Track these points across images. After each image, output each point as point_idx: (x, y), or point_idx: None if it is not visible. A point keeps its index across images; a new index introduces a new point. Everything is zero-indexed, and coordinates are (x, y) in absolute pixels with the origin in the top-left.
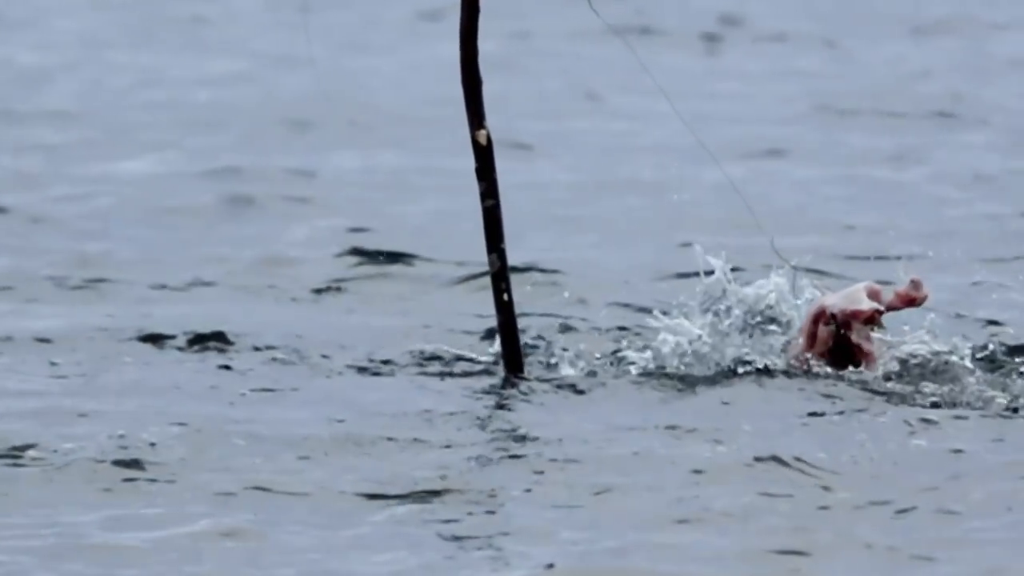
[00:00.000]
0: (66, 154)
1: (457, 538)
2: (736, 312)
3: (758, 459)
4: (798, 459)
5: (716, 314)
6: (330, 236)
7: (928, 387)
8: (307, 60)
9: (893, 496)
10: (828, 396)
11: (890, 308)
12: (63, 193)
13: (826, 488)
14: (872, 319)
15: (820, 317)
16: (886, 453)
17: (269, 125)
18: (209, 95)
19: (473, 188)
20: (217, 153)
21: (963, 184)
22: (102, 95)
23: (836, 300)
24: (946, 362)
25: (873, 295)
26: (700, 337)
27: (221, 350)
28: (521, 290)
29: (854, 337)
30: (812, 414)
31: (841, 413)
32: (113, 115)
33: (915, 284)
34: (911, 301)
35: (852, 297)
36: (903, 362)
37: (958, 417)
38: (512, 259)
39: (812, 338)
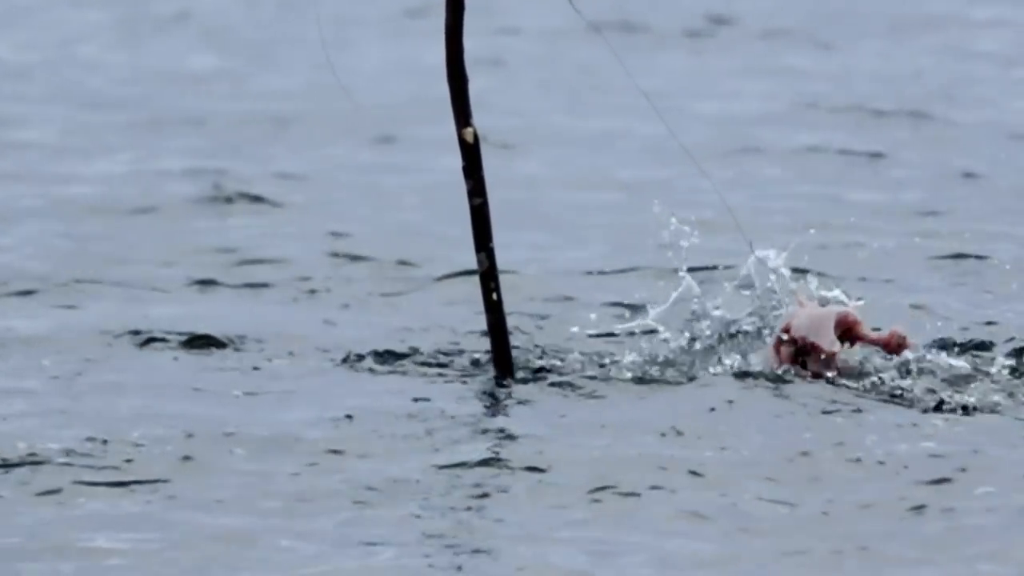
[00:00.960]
0: (45, 153)
1: (449, 540)
2: (725, 316)
3: (761, 461)
4: (802, 461)
5: (707, 316)
6: (317, 236)
7: (935, 388)
8: (324, 59)
9: (901, 499)
10: (831, 397)
11: (862, 340)
12: (41, 191)
13: (830, 491)
14: (832, 355)
15: (785, 335)
16: (895, 455)
17: (253, 124)
18: (192, 93)
19: (460, 186)
20: (200, 152)
21: (946, 183)
22: (82, 93)
23: (803, 322)
24: (950, 363)
25: (845, 324)
26: (696, 338)
27: (210, 351)
28: (509, 289)
29: (810, 364)
30: (815, 415)
31: (847, 414)
32: (94, 113)
33: (900, 342)
34: (886, 345)
35: (818, 326)
36: (908, 363)
37: (968, 419)
38: (500, 258)
39: (778, 350)
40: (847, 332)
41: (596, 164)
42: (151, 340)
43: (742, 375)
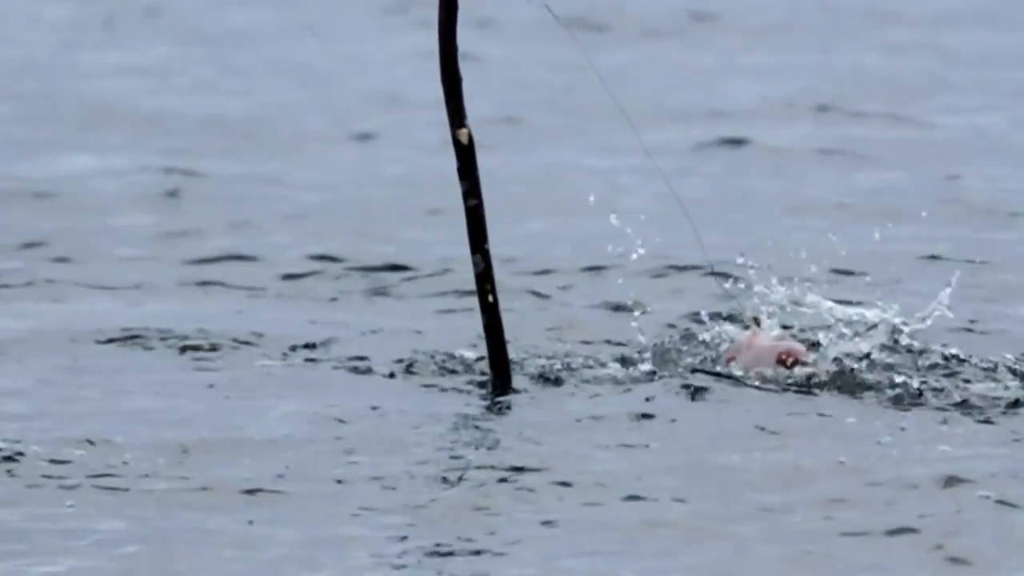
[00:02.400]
0: (11, 150)
1: (444, 544)
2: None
3: (767, 468)
4: (810, 468)
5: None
6: (300, 235)
7: (949, 388)
8: (292, 58)
9: (919, 502)
10: (840, 399)
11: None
12: (3, 190)
13: (845, 495)
14: None
15: (730, 361)
16: (912, 456)
17: (225, 122)
18: (162, 91)
19: (440, 183)
20: (172, 151)
21: (926, 185)
22: (49, 90)
23: (745, 359)
24: (962, 364)
25: (787, 361)
26: (700, 342)
27: (195, 351)
28: (505, 291)
29: None
30: (826, 420)
31: (861, 415)
32: (62, 111)
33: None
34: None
35: (756, 364)
36: (919, 363)
37: (986, 420)
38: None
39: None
40: (788, 369)
41: (570, 162)
42: (133, 340)
43: (748, 377)
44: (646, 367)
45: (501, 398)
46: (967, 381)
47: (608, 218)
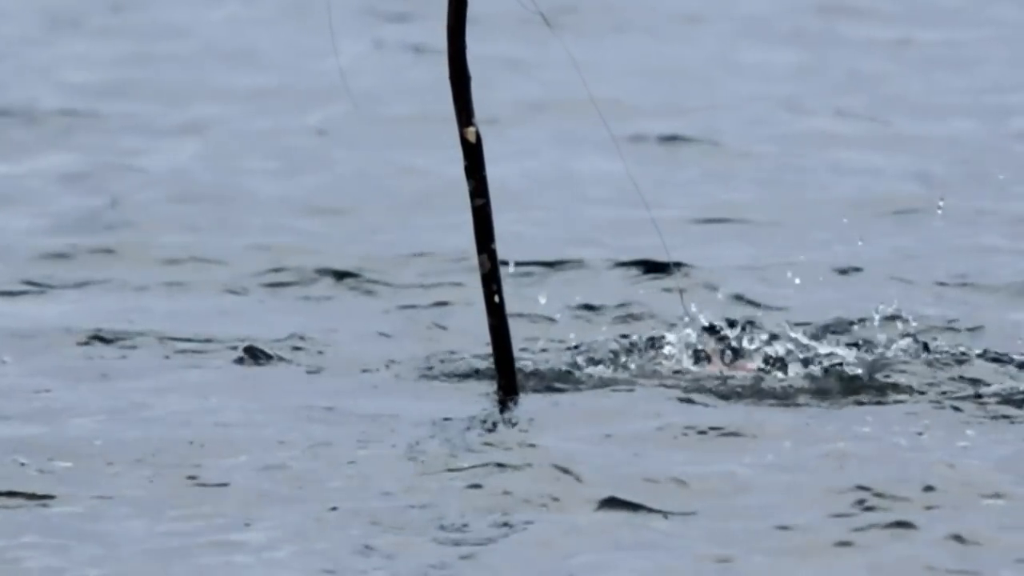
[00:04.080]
0: None
1: (441, 549)
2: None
3: (764, 468)
4: (815, 476)
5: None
6: (288, 232)
7: (962, 389)
8: (334, 58)
9: (918, 503)
10: (854, 405)
11: None
12: None
13: (860, 501)
14: None
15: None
16: (912, 458)
17: (195, 121)
18: (119, 88)
19: (418, 179)
20: (136, 150)
21: (893, 183)
22: (7, 89)
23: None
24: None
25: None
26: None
27: (181, 352)
28: (512, 292)
29: None
30: (834, 424)
31: (875, 418)
32: (29, 109)
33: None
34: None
35: None
36: (932, 365)
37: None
38: (456, 247)
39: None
40: None
41: (552, 159)
42: (120, 339)
43: (754, 382)
44: (640, 369)
45: (504, 399)
46: (974, 381)
47: (588, 216)
